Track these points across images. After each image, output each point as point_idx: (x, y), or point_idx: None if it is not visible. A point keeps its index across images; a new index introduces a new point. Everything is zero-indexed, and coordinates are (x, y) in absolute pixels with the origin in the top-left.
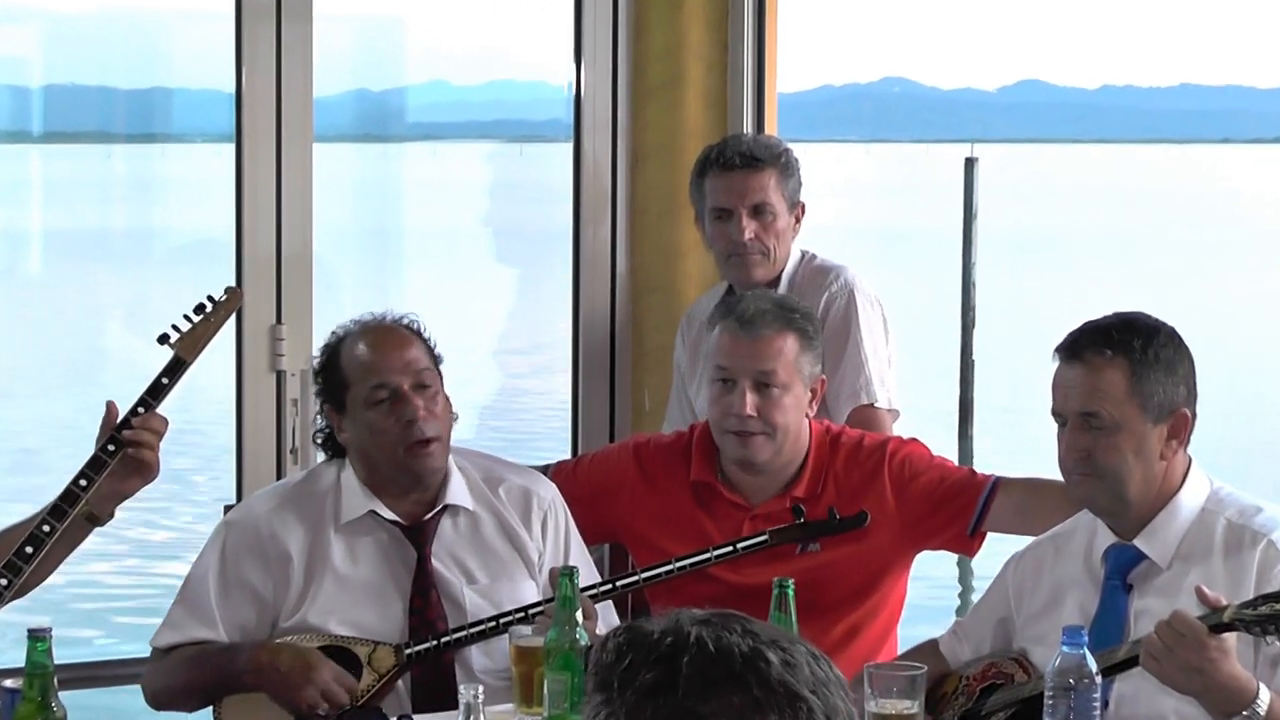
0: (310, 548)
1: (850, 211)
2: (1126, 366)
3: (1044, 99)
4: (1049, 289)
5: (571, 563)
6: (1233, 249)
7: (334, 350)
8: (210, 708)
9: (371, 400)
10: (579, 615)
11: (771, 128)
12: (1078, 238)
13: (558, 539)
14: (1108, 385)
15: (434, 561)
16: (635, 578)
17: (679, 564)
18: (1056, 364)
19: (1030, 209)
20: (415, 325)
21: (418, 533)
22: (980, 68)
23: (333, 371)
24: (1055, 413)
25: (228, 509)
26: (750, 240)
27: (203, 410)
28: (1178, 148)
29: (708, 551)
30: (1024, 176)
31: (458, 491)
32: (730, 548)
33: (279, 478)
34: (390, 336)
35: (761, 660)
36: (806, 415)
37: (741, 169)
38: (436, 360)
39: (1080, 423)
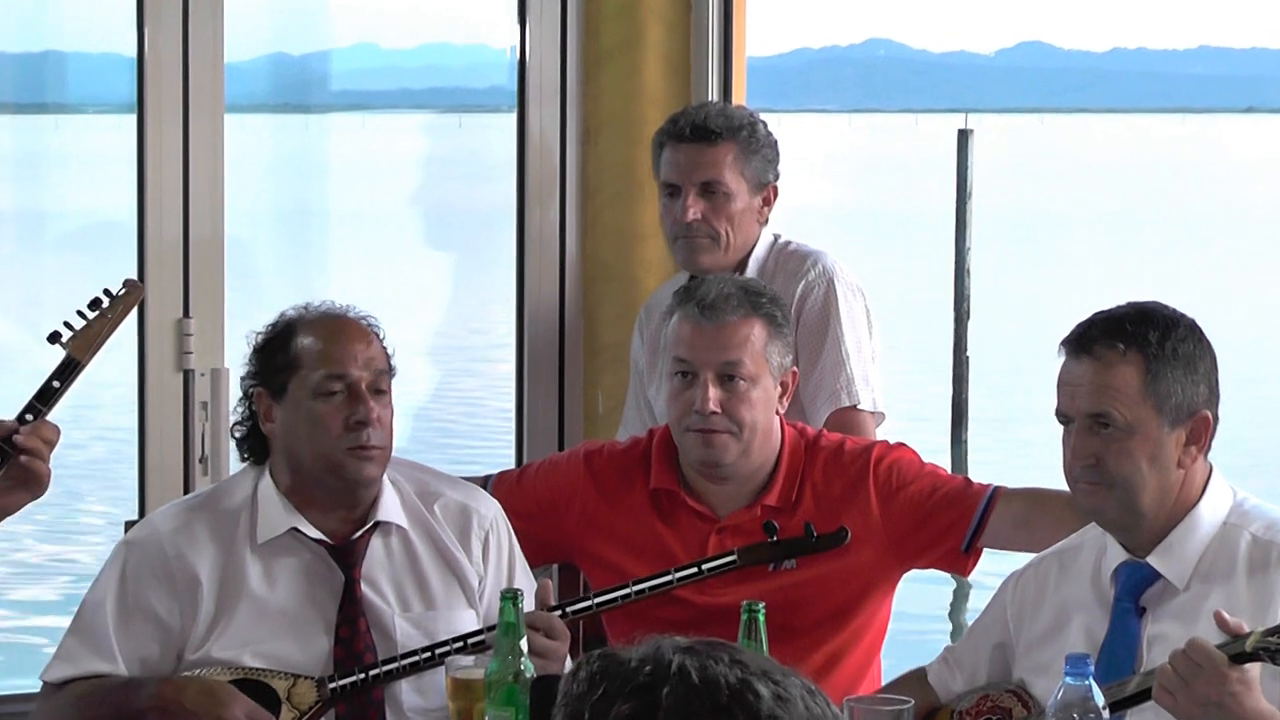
0: (222, 570)
1: (831, 190)
2: (1141, 363)
3: (1046, 63)
4: (1052, 276)
5: (516, 584)
6: (1259, 231)
7: (286, 329)
8: None
9: (322, 389)
10: (524, 644)
11: (740, 96)
12: (1084, 219)
13: (500, 563)
14: (1120, 383)
15: (363, 586)
16: (588, 602)
17: (637, 587)
18: (1062, 359)
19: (1031, 187)
20: (377, 329)
21: (345, 553)
22: (975, 28)
23: (279, 352)
24: (1060, 413)
25: (129, 526)
26: (694, 221)
27: (101, 415)
28: (1196, 117)
29: (670, 573)
30: (1024, 150)
31: (390, 507)
32: (695, 569)
33: (186, 491)
34: (354, 329)
35: (751, 693)
36: (777, 412)
37: (692, 141)
38: (391, 370)
39: (1089, 425)
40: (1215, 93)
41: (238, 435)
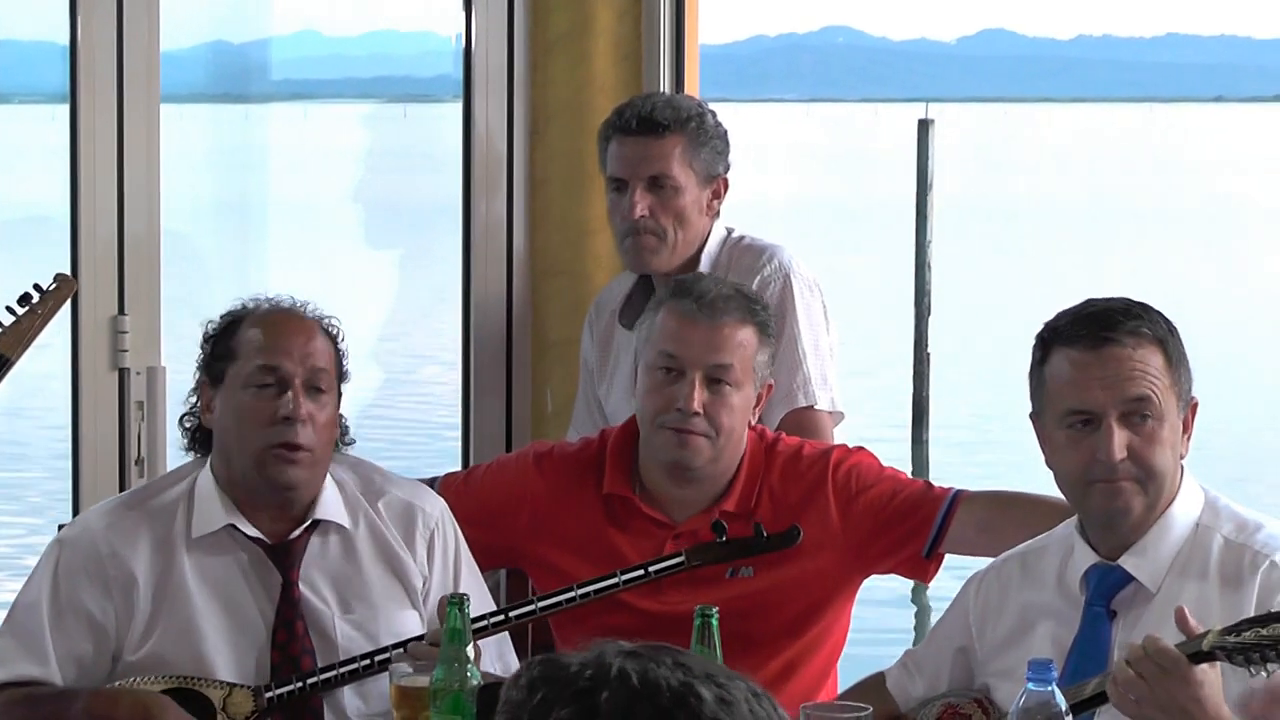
0: (158, 568)
1: (788, 182)
2: (1160, 346)
3: (1010, 51)
4: (1015, 270)
5: (462, 590)
6: (1230, 222)
7: (233, 320)
8: None
9: (253, 380)
10: (470, 650)
11: (693, 85)
12: (1049, 211)
13: (446, 563)
14: (1154, 367)
15: (301, 587)
16: (531, 606)
17: (582, 591)
18: (1061, 356)
19: (994, 178)
20: (334, 329)
21: (283, 553)
22: (936, 15)
23: (223, 340)
24: (1079, 411)
25: (62, 528)
26: (641, 217)
27: (34, 414)
28: (1164, 106)
29: (616, 575)
30: (987, 140)
31: (330, 505)
32: (641, 570)
33: (121, 491)
34: (298, 322)
35: (693, 696)
36: (749, 422)
37: (639, 134)
38: (340, 375)
39: (1125, 415)
40: (1183, 81)
41: (186, 425)
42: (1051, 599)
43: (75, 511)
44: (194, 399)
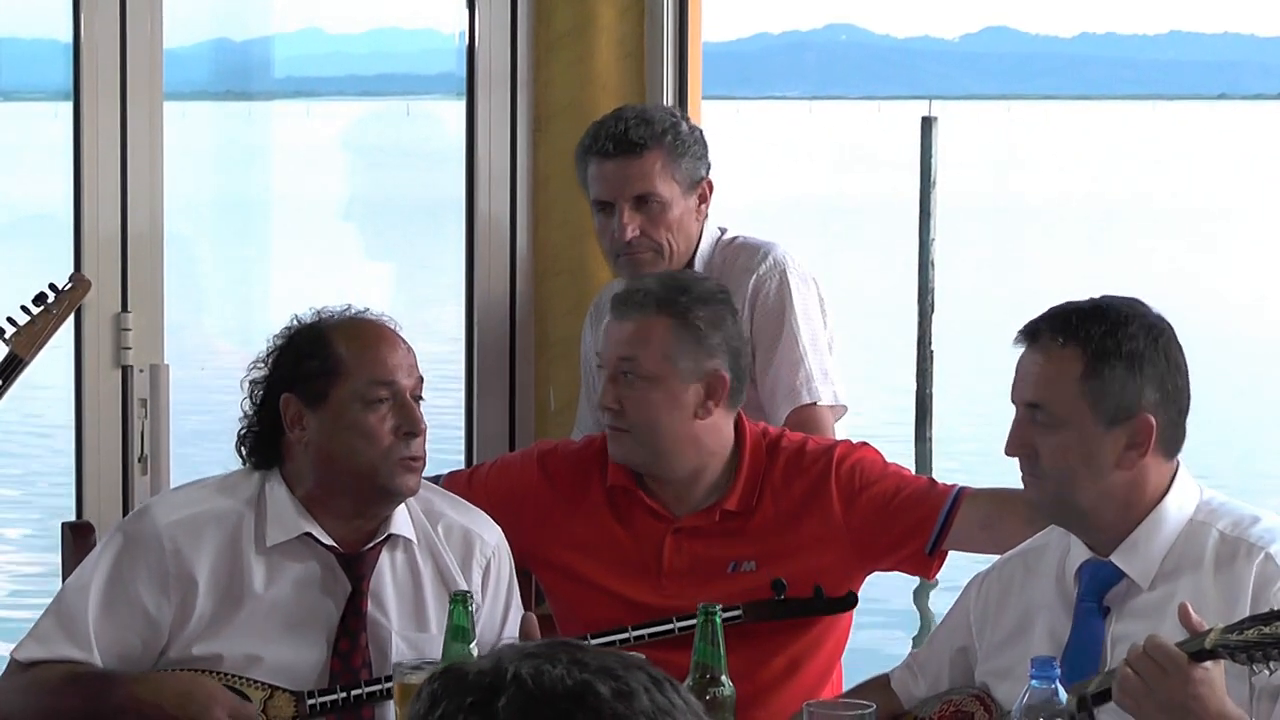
0: (223, 571)
1: (791, 180)
2: (1080, 358)
3: (1012, 48)
4: (1019, 269)
5: (511, 618)
6: (1233, 221)
7: (314, 333)
8: None
9: (369, 398)
10: (473, 648)
11: (696, 83)
12: (1052, 209)
13: (499, 592)
14: (1057, 376)
15: (369, 599)
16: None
17: (636, 633)
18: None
19: (998, 176)
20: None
21: (356, 563)
22: (939, 13)
23: (314, 358)
24: (1011, 400)
25: (68, 526)
26: (635, 238)
27: (37, 411)
28: (1167, 104)
29: (672, 620)
30: (990, 138)
31: (402, 522)
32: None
33: (124, 489)
34: (391, 335)
35: (590, 693)
36: (697, 417)
37: (617, 156)
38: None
39: (1026, 414)
40: (1186, 79)
41: (248, 445)
42: (1049, 596)
43: (79, 510)
44: (252, 413)
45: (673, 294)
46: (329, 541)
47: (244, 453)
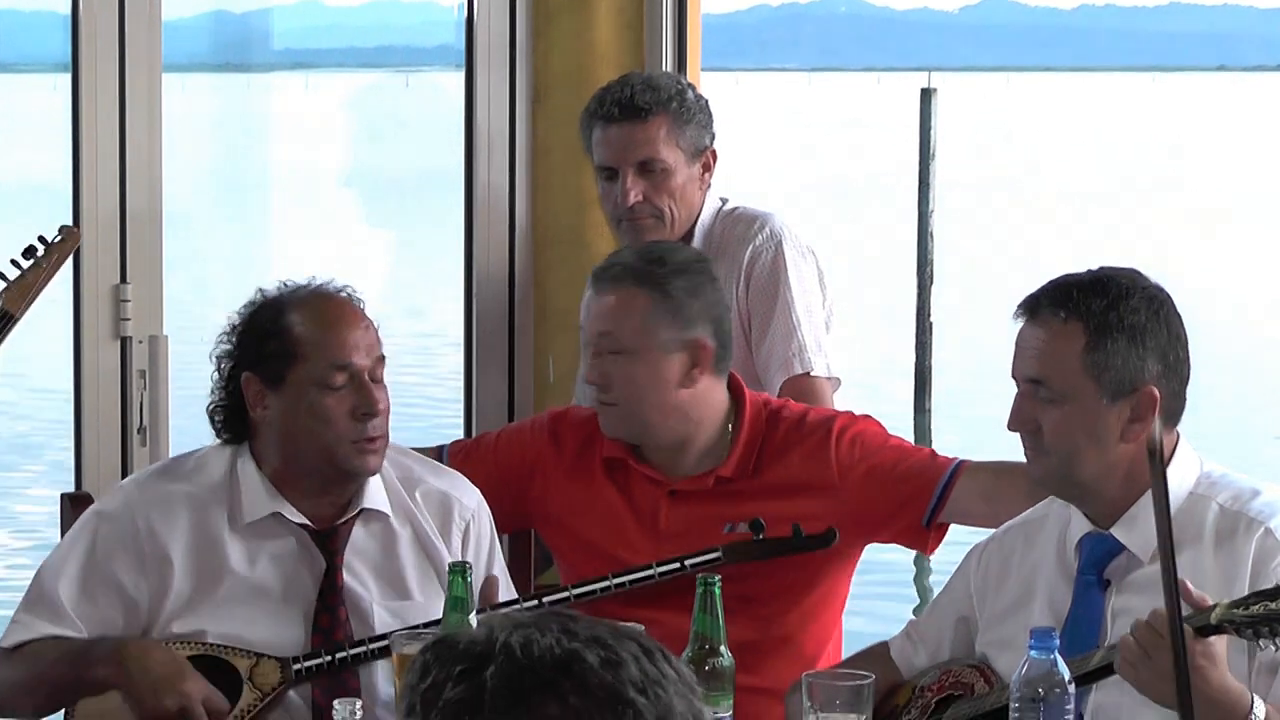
0: (198, 550)
1: (790, 151)
2: (1082, 331)
3: (1012, 19)
4: (1018, 240)
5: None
6: (1233, 194)
7: (275, 311)
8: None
9: (325, 381)
10: (473, 618)
11: (695, 54)
12: (1052, 181)
13: (479, 555)
14: (1060, 351)
15: (344, 573)
16: (566, 594)
17: (617, 580)
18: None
19: (997, 147)
20: (363, 306)
21: (328, 539)
22: None
23: (273, 338)
24: (1012, 376)
25: (67, 497)
26: (638, 203)
27: (36, 381)
28: (1166, 76)
29: (651, 567)
30: (989, 110)
31: (375, 494)
32: (677, 564)
33: (124, 460)
34: (352, 312)
35: (578, 663)
36: (683, 386)
37: (622, 121)
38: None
39: (1029, 390)
40: (1186, 50)
41: (219, 420)
42: (1050, 568)
43: (78, 481)
44: (220, 389)
45: (649, 266)
46: (299, 519)
47: (215, 428)
